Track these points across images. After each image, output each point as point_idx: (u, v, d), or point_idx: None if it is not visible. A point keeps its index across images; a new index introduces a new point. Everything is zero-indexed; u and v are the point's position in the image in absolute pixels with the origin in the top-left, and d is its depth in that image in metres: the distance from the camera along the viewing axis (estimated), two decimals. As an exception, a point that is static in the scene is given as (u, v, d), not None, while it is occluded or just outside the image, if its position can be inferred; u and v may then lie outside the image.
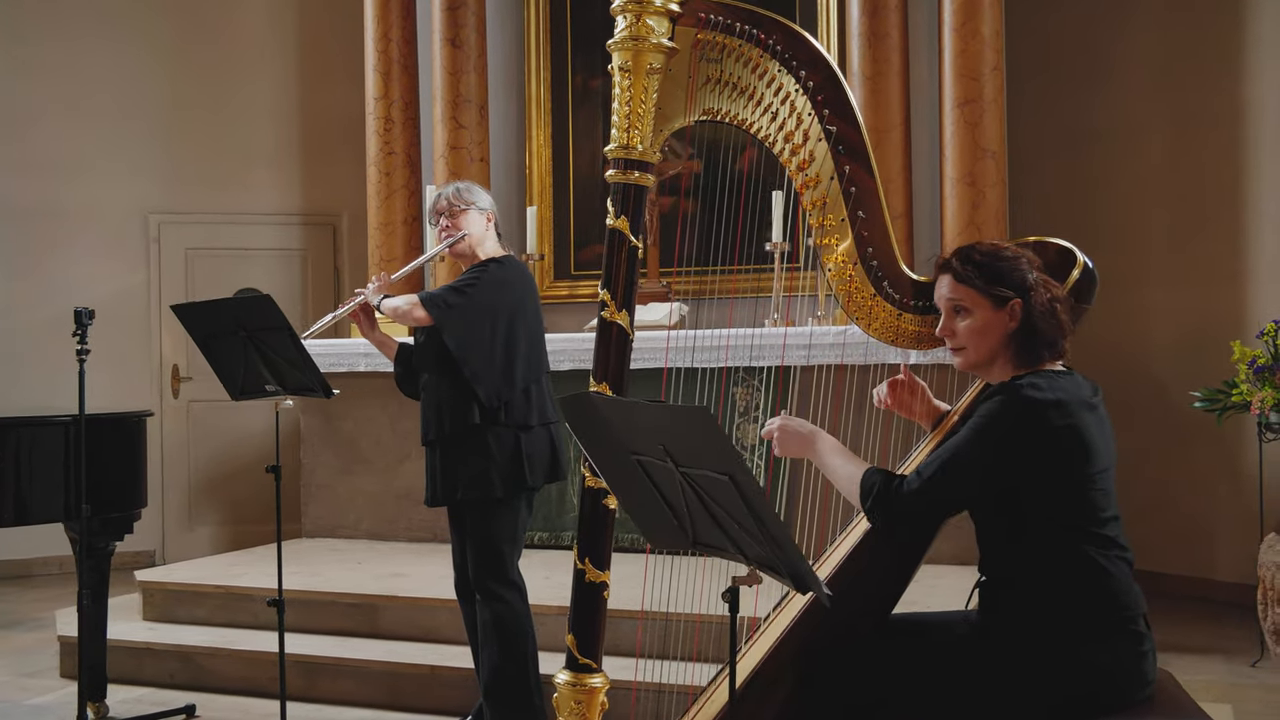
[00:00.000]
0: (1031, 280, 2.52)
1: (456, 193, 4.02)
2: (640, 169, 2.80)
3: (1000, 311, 2.53)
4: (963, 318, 2.57)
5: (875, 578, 2.64)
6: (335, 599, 5.08)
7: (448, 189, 4.07)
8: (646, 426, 2.19)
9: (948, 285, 2.58)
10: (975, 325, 2.55)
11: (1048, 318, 2.51)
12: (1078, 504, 2.45)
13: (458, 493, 3.89)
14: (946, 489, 2.46)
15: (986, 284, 2.53)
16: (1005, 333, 2.53)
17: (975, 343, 2.57)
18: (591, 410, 2.32)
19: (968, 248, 2.60)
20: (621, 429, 2.25)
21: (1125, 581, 2.47)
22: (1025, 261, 2.55)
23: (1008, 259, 2.55)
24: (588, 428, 2.39)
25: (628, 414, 2.25)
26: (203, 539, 8.08)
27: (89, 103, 7.95)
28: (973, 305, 2.55)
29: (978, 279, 2.54)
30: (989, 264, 2.54)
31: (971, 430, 2.47)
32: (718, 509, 2.11)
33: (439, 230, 4.04)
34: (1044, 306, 2.51)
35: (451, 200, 4.01)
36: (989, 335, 2.54)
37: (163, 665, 4.98)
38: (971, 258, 2.56)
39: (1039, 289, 2.52)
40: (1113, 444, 2.55)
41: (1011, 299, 2.52)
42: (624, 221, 2.79)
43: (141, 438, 4.51)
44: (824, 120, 2.76)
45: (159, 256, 8.11)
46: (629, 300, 2.81)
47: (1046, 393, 2.43)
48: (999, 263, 2.54)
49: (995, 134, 5.81)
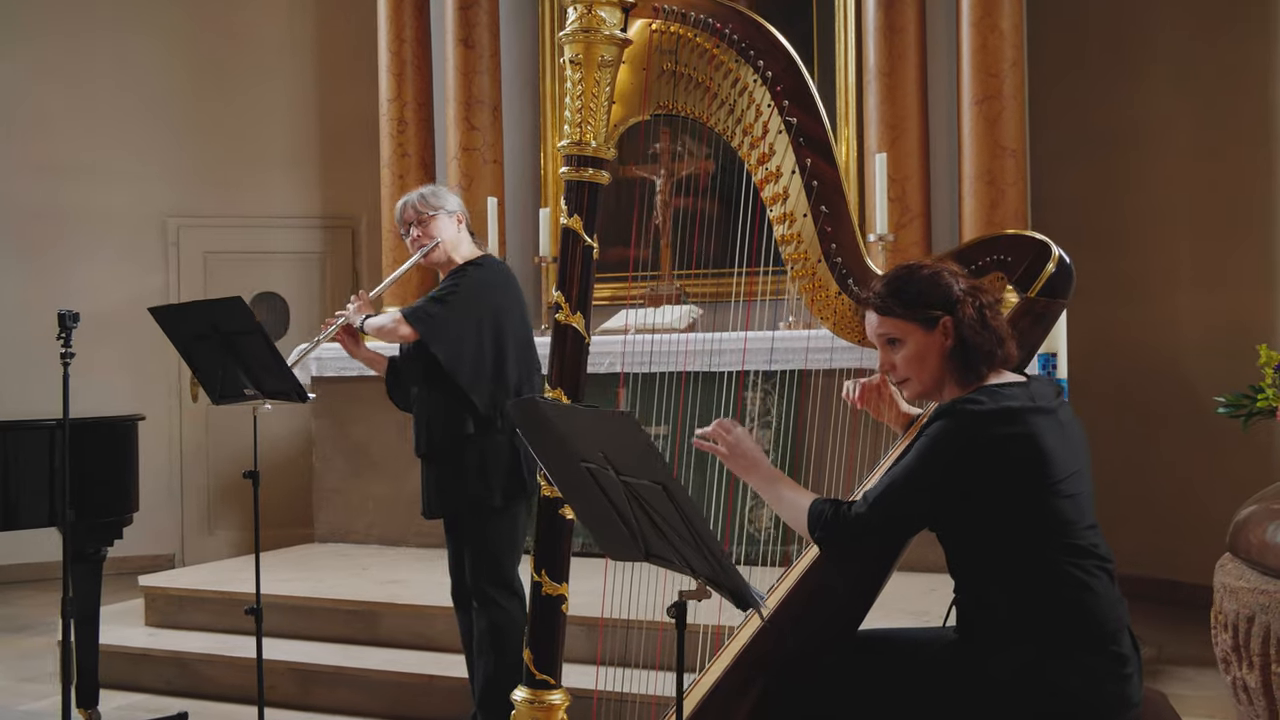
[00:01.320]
0: (957, 292, 2.40)
1: (422, 199, 3.92)
2: (594, 166, 2.70)
3: (933, 333, 2.41)
4: (897, 349, 2.47)
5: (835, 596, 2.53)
6: (336, 606, 5.03)
7: (412, 196, 3.96)
8: (588, 433, 2.09)
9: (874, 320, 2.49)
10: (910, 354, 2.45)
11: (978, 329, 2.39)
12: (1042, 514, 2.32)
13: (453, 505, 3.82)
14: (894, 512, 2.37)
15: (907, 308, 2.42)
16: (943, 353, 2.42)
17: (916, 371, 2.46)
18: (538, 416, 2.23)
19: (884, 276, 2.50)
20: (568, 436, 2.16)
21: (1104, 595, 2.33)
22: (946, 274, 2.43)
23: (923, 277, 2.43)
24: (537, 435, 2.30)
25: (571, 420, 2.15)
26: (222, 542, 8.06)
27: (106, 105, 7.96)
28: (902, 334, 2.45)
29: (897, 306, 2.43)
30: (904, 287, 2.43)
31: (917, 452, 2.37)
32: (660, 519, 2.01)
33: (410, 241, 3.95)
34: (972, 318, 2.39)
35: (418, 208, 3.90)
36: (928, 359, 2.44)
37: (160, 672, 4.94)
38: (887, 286, 2.45)
39: (965, 300, 2.40)
40: (1082, 448, 2.42)
41: (940, 317, 2.40)
42: (577, 221, 2.70)
43: (132, 442, 4.47)
44: (784, 111, 2.65)
45: (177, 260, 8.12)
46: (584, 302, 2.71)
47: (988, 404, 2.32)
48: (915, 283, 2.43)
49: (1015, 131, 5.65)
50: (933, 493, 2.34)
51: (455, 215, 3.90)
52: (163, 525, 8.02)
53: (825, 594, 2.52)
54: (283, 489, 7.87)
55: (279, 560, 6.08)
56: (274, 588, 5.21)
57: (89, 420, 4.25)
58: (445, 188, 4.00)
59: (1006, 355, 2.44)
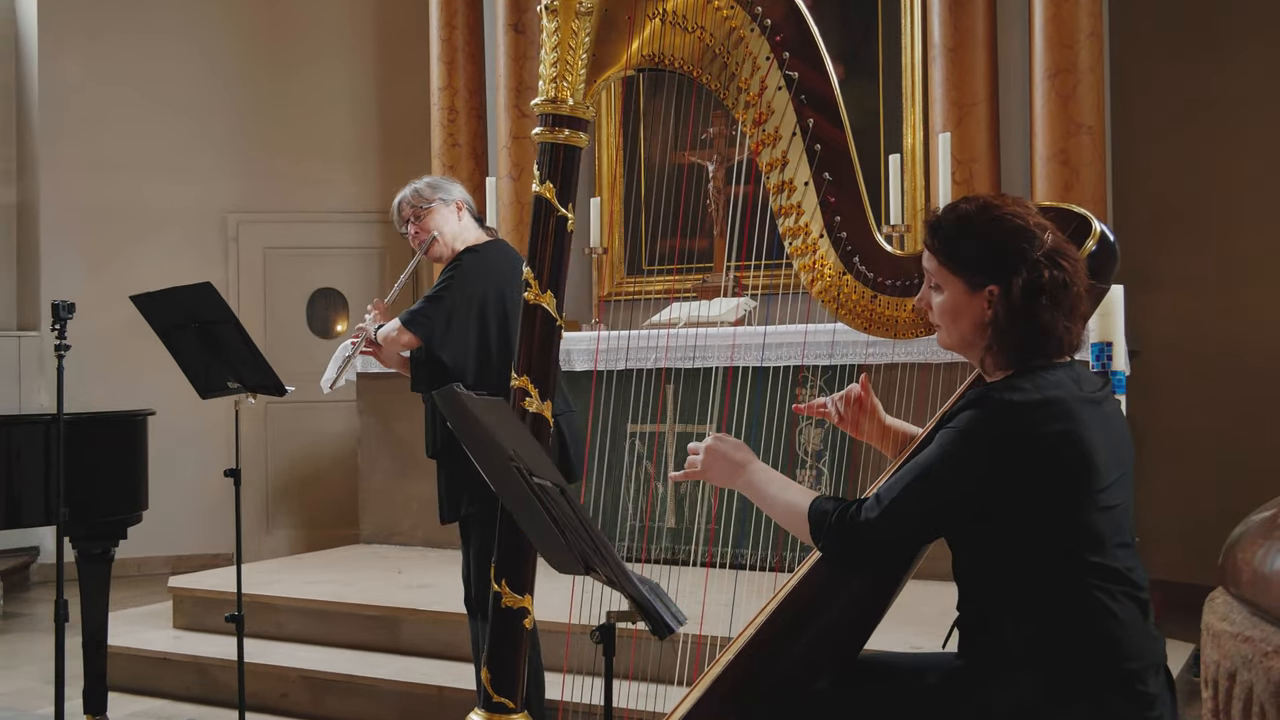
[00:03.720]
0: (1028, 255, 1.98)
1: (416, 194, 3.65)
2: (571, 126, 2.40)
3: (975, 296, 2.03)
4: (937, 293, 2.10)
5: (832, 614, 2.18)
6: (356, 611, 4.80)
7: (405, 192, 3.69)
8: (503, 427, 1.80)
9: (926, 253, 2.11)
10: (946, 305, 2.08)
11: (1031, 311, 1.98)
12: (1074, 528, 1.96)
13: (462, 508, 3.57)
14: (912, 516, 2.00)
15: (951, 259, 2.04)
16: (979, 320, 2.04)
17: (948, 324, 2.09)
18: (462, 409, 1.94)
19: (947, 207, 2.10)
20: (493, 431, 1.87)
21: (1134, 626, 1.96)
22: (1024, 228, 2.00)
23: (981, 231, 2.02)
24: (466, 429, 2.01)
25: (492, 413, 1.86)
26: (281, 541, 7.95)
27: (166, 101, 7.90)
28: (944, 282, 2.07)
29: (942, 254, 2.06)
30: (962, 230, 2.04)
31: (941, 445, 1.99)
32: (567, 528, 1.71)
33: (410, 238, 3.69)
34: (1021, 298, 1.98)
35: (412, 203, 3.64)
36: (960, 319, 2.06)
37: (180, 677, 4.77)
38: (945, 221, 2.07)
39: (1035, 267, 1.97)
40: (1127, 448, 2.05)
41: (986, 284, 2.01)
42: (550, 188, 2.40)
43: (141, 438, 4.28)
44: (784, 65, 2.34)
45: (237, 256, 8.02)
46: (557, 279, 2.42)
47: (1031, 392, 1.95)
48: (969, 236, 2.03)
49: (1092, 106, 5.23)
50: (956, 497, 1.98)
51: (455, 204, 3.62)
52: (221, 523, 7.91)
53: (821, 610, 2.17)
54: (334, 488, 7.73)
55: (316, 562, 5.90)
56: (299, 590, 5.04)
57: (92, 415, 4.08)
58: (444, 177, 3.73)
59: (1071, 343, 2.03)
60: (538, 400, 2.38)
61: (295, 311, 8.02)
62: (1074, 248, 2.05)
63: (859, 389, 2.40)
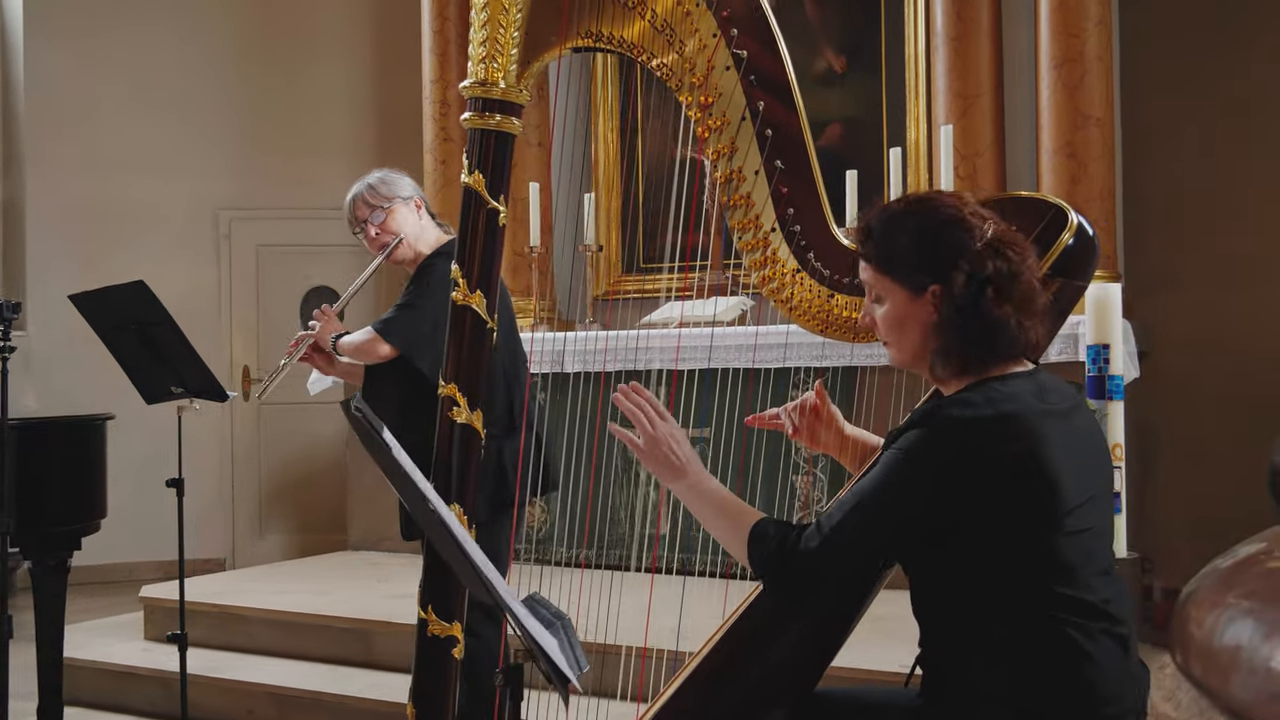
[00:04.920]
0: (967, 247, 1.78)
1: (371, 190, 3.43)
2: (503, 111, 2.20)
3: (919, 301, 1.83)
4: (879, 305, 1.89)
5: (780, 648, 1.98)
6: (329, 622, 4.62)
7: (358, 188, 3.46)
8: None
9: (861, 264, 1.91)
10: (890, 316, 1.87)
11: (982, 309, 1.78)
12: (1039, 557, 1.75)
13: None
14: (854, 548, 1.80)
15: (887, 262, 1.84)
16: (926, 327, 1.83)
17: (895, 337, 1.89)
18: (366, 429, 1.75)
19: (877, 209, 1.90)
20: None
21: (1111, 667, 1.75)
22: (951, 223, 1.81)
23: (914, 227, 1.82)
24: (370, 443, 1.82)
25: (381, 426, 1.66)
26: (273, 547, 7.78)
27: (157, 95, 7.71)
28: (884, 291, 1.87)
29: (877, 259, 1.85)
30: (892, 230, 1.84)
31: (884, 470, 1.79)
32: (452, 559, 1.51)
33: (368, 241, 3.48)
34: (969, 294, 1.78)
35: (369, 200, 3.42)
36: (907, 330, 1.86)
37: (144, 691, 4.59)
38: (875, 223, 1.87)
39: (974, 260, 1.78)
40: (1101, 465, 1.84)
41: (928, 284, 1.81)
42: (479, 179, 2.20)
43: (99, 444, 4.10)
44: (732, 43, 2.13)
45: (229, 254, 7.85)
46: (488, 278, 2.22)
47: (982, 408, 1.74)
48: (902, 234, 1.83)
49: (1100, 97, 5.01)
50: (900, 526, 1.78)
51: (412, 201, 3.42)
52: (214, 529, 7.79)
53: (769, 642, 1.97)
54: (328, 492, 7.55)
55: (297, 570, 5.74)
56: (270, 601, 4.86)
57: (42, 420, 3.92)
58: (394, 171, 3.50)
59: (1027, 341, 1.83)
60: (466, 410, 2.18)
61: (289, 310, 7.83)
62: (1022, 238, 1.84)
63: (814, 397, 2.19)
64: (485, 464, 3.29)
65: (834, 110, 5.87)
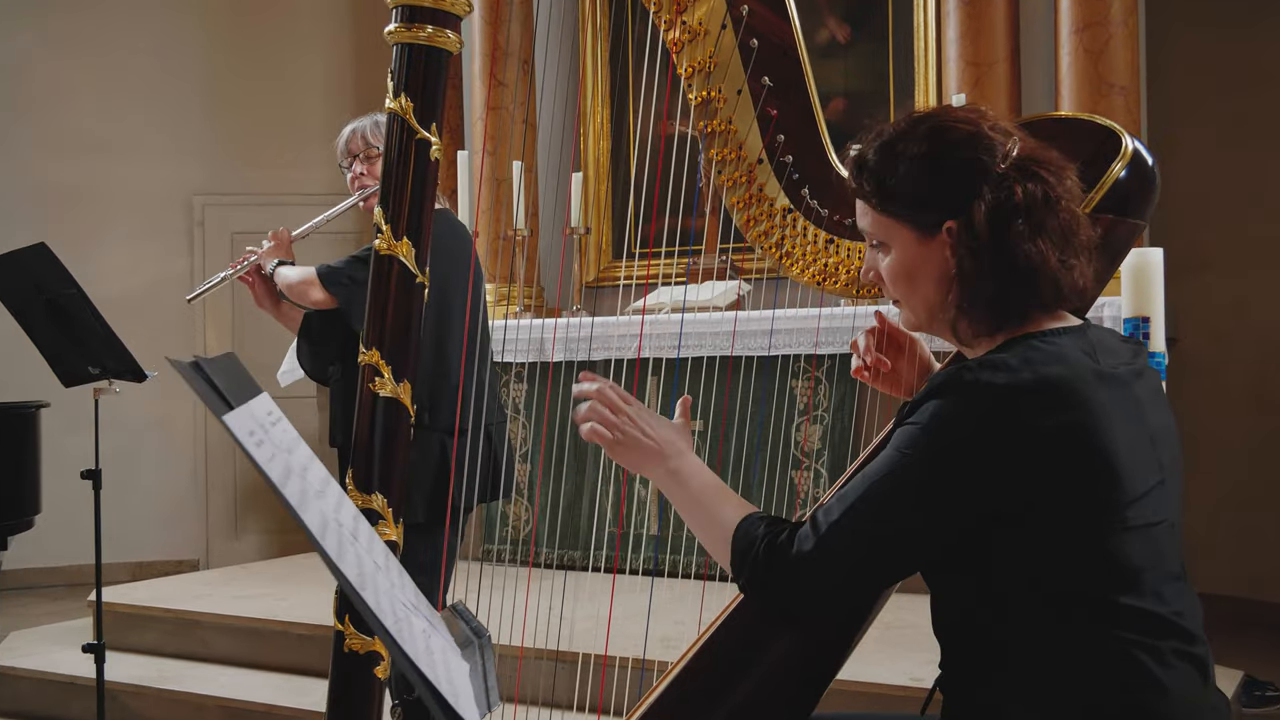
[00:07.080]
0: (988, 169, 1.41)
1: (375, 129, 3.16)
2: (435, 22, 1.82)
3: (931, 242, 1.45)
4: (883, 253, 1.52)
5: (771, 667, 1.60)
6: (287, 629, 4.26)
7: (363, 122, 3.21)
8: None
9: (859, 205, 1.53)
10: (897, 266, 1.50)
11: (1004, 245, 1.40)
12: (1094, 559, 1.38)
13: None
14: (855, 551, 1.42)
15: (889, 203, 1.47)
16: (943, 274, 1.46)
17: (906, 291, 1.51)
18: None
19: (880, 128, 1.51)
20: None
21: (1187, 698, 1.38)
22: (966, 141, 1.43)
23: (918, 151, 1.44)
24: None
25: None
26: (250, 547, 7.43)
27: (129, 78, 7.38)
28: (888, 236, 1.50)
29: (875, 196, 1.48)
30: (887, 168, 1.46)
31: (897, 449, 1.42)
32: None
33: (350, 178, 3.21)
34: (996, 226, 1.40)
35: (368, 139, 3.17)
36: (919, 280, 1.48)
37: (88, 703, 4.22)
38: (865, 160, 1.49)
39: (998, 185, 1.41)
40: (1171, 444, 1.46)
41: (941, 221, 1.44)
42: (407, 103, 1.82)
43: (31, 434, 3.76)
44: (709, -68, 1.74)
45: (203, 241, 7.53)
46: (418, 222, 1.83)
47: (1020, 371, 1.36)
48: (900, 160, 1.45)
49: (1125, 65, 4.66)
50: (915, 523, 1.41)
51: None
52: (187, 528, 7.47)
53: (750, 659, 1.60)
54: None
55: (266, 571, 5.41)
56: (227, 606, 4.51)
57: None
58: None
59: (1073, 284, 1.45)
60: (391, 381, 1.81)
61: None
62: (1057, 154, 1.46)
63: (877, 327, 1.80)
64: (427, 460, 2.96)
65: (837, 83, 5.54)
